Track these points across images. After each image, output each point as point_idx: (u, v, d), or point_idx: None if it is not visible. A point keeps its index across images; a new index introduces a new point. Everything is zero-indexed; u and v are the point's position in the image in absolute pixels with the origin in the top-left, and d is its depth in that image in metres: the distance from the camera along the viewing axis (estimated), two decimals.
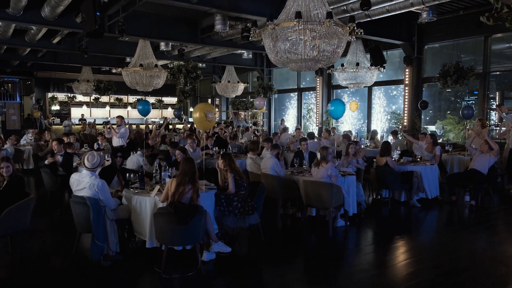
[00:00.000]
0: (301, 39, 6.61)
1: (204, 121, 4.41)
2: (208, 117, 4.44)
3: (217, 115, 4.69)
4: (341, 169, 7.01)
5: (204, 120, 4.40)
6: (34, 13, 9.69)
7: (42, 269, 4.68)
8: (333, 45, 6.85)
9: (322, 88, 15.78)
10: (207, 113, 4.41)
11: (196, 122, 4.50)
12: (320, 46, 6.72)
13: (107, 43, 13.65)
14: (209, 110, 4.47)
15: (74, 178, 4.75)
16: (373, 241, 6.13)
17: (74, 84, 16.58)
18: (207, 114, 4.40)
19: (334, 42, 6.84)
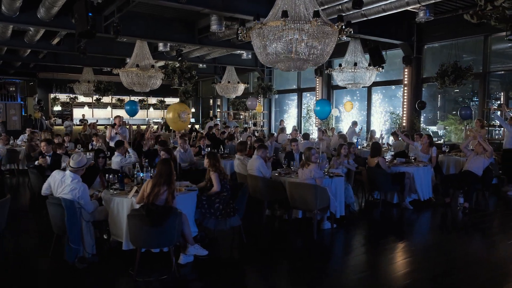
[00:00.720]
0: (290, 39, 6.56)
1: (177, 122, 4.37)
2: (181, 118, 4.39)
3: (191, 115, 4.63)
4: (330, 170, 6.92)
5: (178, 120, 4.35)
6: (30, 14, 9.74)
7: (16, 270, 4.67)
8: (323, 45, 6.79)
9: (322, 89, 15.67)
10: (180, 113, 4.37)
11: (169, 123, 4.46)
12: (308, 45, 6.65)
13: (106, 44, 13.70)
14: (182, 111, 4.42)
15: (56, 177, 4.72)
16: (360, 244, 6.03)
17: (75, 85, 16.69)
18: (180, 115, 4.36)
19: (324, 42, 6.77)
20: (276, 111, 19.05)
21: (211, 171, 5.44)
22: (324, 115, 6.38)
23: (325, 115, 6.40)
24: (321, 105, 6.39)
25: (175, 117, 4.33)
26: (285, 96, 18.53)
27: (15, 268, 4.74)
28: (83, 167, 4.73)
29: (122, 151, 6.95)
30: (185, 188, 5.28)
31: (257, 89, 16.54)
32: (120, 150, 6.97)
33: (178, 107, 4.39)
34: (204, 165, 5.71)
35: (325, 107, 6.29)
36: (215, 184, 5.33)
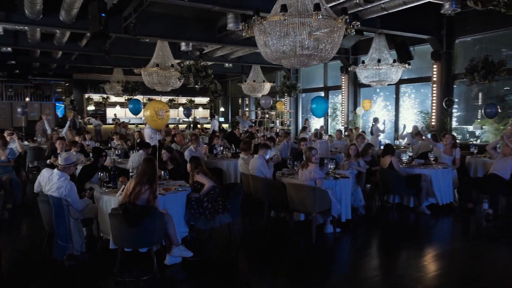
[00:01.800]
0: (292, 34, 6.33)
1: (155, 119, 4.28)
2: (159, 115, 4.30)
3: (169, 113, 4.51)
4: (337, 171, 6.61)
5: (156, 118, 4.27)
6: (52, 17, 10.06)
7: (6, 265, 4.78)
8: (328, 39, 6.49)
9: (348, 87, 15.19)
10: (158, 111, 4.28)
11: (147, 121, 4.38)
12: (312, 40, 6.38)
13: (132, 45, 13.96)
14: (160, 108, 4.33)
15: (45, 175, 4.78)
16: (364, 249, 5.69)
17: (106, 85, 17.20)
18: (158, 112, 4.27)
19: (331, 36, 6.47)
20: (303, 109, 18.72)
21: (195, 174, 5.34)
22: (321, 112, 6.08)
23: (322, 113, 6.10)
24: (317, 103, 6.10)
25: (153, 115, 4.25)
26: (313, 95, 18.14)
27: (7, 263, 4.83)
28: (71, 165, 4.75)
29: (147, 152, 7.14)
30: (176, 187, 5.19)
31: (281, 87, 16.30)
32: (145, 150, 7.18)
33: (156, 104, 4.31)
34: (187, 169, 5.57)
35: (322, 104, 5.99)
36: (206, 182, 5.22)
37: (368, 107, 12.70)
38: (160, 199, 4.80)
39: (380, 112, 14.61)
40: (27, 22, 9.90)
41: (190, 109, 15.90)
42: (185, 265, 4.70)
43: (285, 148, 9.48)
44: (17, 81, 16.89)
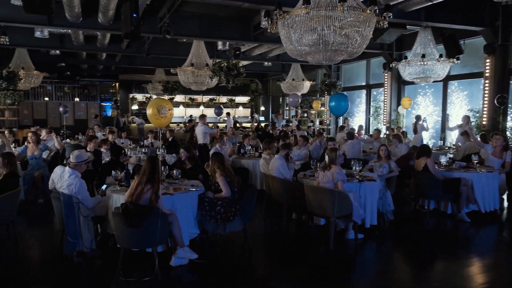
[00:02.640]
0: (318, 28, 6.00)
1: (157, 118, 4.15)
2: (161, 113, 4.16)
3: (172, 111, 4.35)
4: (364, 174, 6.19)
5: (158, 116, 4.13)
6: (91, 19, 10.38)
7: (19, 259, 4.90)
8: (358, 33, 6.09)
9: (391, 84, 14.42)
10: (160, 109, 4.14)
11: (150, 119, 4.27)
12: (339, 34, 6.00)
13: (171, 45, 14.17)
14: (162, 106, 4.19)
15: (57, 172, 4.84)
16: (390, 259, 5.25)
17: (148, 85, 17.65)
18: (160, 110, 4.13)
19: (361, 29, 6.07)
20: None
21: (217, 174, 5.13)
22: (340, 111, 5.67)
23: (341, 111, 5.68)
24: (336, 100, 5.68)
25: (155, 113, 4.12)
26: (355, 93, 17.48)
27: (20, 257, 4.95)
28: (82, 163, 4.77)
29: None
30: (187, 187, 5.06)
31: (321, 86, 15.84)
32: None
33: (158, 102, 4.18)
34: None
35: (341, 102, 5.56)
36: (224, 189, 5.00)
37: (407, 106, 11.94)
38: (168, 198, 4.71)
39: (426, 110, 13.74)
40: (68, 25, 10.29)
41: (221, 108, 15.87)
42: (192, 267, 4.56)
43: (317, 148, 9.09)
44: (66, 82, 17.81)
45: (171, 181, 5.36)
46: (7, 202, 4.80)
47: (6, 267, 4.68)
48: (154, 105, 4.07)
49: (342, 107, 5.51)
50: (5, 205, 4.78)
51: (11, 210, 4.91)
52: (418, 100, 14.18)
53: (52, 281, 4.37)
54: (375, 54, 14.86)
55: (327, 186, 5.33)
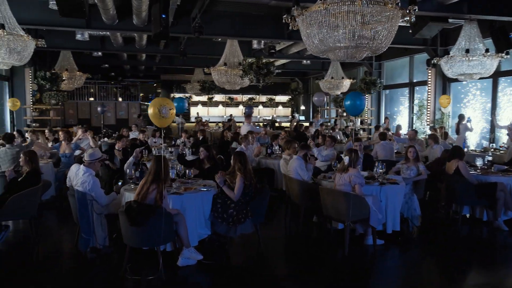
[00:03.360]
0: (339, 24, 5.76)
1: (159, 117, 4.13)
2: (162, 113, 4.13)
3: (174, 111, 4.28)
4: (387, 176, 5.86)
5: (159, 116, 4.11)
6: (127, 21, 10.68)
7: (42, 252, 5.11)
8: (382, 28, 5.78)
9: (435, 82, 13.64)
10: (161, 108, 4.11)
11: (151, 119, 4.26)
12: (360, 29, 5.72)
13: (207, 45, 14.31)
14: (163, 105, 4.16)
15: (73, 170, 5.00)
16: (412, 267, 4.92)
17: (187, 85, 17.99)
18: (161, 110, 4.11)
19: (383, 24, 5.76)
20: (387, 107, 17.41)
21: (237, 172, 5.04)
22: (355, 110, 5.36)
23: (357, 110, 5.36)
24: (351, 99, 5.37)
25: (156, 113, 4.11)
26: (398, 91, 16.76)
27: (42, 251, 5.16)
28: (95, 161, 4.88)
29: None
30: (198, 187, 5.04)
31: (360, 84, 15.33)
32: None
33: (160, 101, 4.16)
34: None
35: (356, 101, 5.26)
36: (236, 191, 4.91)
37: (446, 104, 11.23)
38: (177, 198, 4.71)
39: (475, 110, 12.87)
40: (104, 27, 10.64)
41: (251, 107, 15.81)
42: (200, 268, 4.53)
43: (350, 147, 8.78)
44: (108, 82, 18.60)
45: (185, 181, 5.36)
46: (29, 198, 5.02)
47: (27, 260, 4.90)
48: (155, 104, 4.07)
49: (357, 106, 5.23)
50: (26, 201, 5.01)
51: (33, 205, 5.14)
52: (465, 98, 13.34)
53: (62, 275, 4.51)
54: (419, 50, 14.15)
55: (343, 189, 5.10)
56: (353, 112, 5.44)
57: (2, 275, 4.47)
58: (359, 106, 5.26)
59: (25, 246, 5.34)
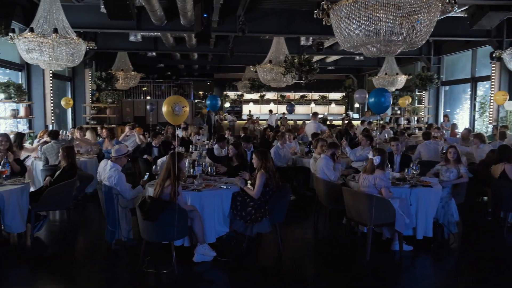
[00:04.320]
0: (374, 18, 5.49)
1: (172, 115, 4.17)
2: (175, 111, 4.17)
3: (187, 108, 4.28)
4: (421, 178, 5.49)
5: (172, 113, 4.15)
6: (175, 22, 11.02)
7: (76, 241, 5.45)
8: (419, 19, 5.42)
9: (499, 77, 12.51)
10: (174, 106, 4.15)
11: (165, 116, 4.31)
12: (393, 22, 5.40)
13: (257, 43, 14.39)
14: (176, 103, 4.19)
15: (102, 165, 5.27)
16: (442, 275, 4.57)
17: (238, 83, 18.21)
18: (174, 108, 4.15)
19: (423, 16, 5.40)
20: (447, 104, 16.33)
21: (259, 170, 5.02)
22: (380, 108, 4.99)
23: (381, 108, 4.99)
24: (375, 96, 5.02)
25: (169, 110, 4.16)
26: (459, 87, 15.64)
27: (76, 240, 5.51)
28: (121, 156, 5.09)
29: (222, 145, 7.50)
30: (218, 185, 5.07)
31: (414, 80, 14.52)
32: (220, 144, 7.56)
33: (174, 99, 4.21)
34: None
35: (380, 98, 4.89)
36: (256, 188, 4.89)
37: (501, 101, 10.22)
38: (195, 195, 4.78)
39: None
40: (154, 28, 11.08)
41: (293, 105, 15.51)
42: (215, 265, 4.56)
43: (403, 146, 8.35)
44: (163, 82, 19.38)
45: (208, 178, 5.42)
46: (64, 190, 5.38)
47: (61, 247, 5.28)
48: (168, 103, 4.15)
49: (381, 104, 4.90)
50: (62, 193, 5.37)
51: (68, 197, 5.50)
52: None
53: (86, 264, 4.78)
54: (482, 43, 13.07)
55: (367, 191, 4.84)
56: (377, 110, 5.14)
57: (39, 259, 4.85)
58: (383, 104, 4.95)
59: (61, 235, 5.74)
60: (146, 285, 4.20)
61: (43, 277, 4.46)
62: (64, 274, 4.48)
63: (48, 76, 10.39)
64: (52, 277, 4.45)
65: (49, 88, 10.38)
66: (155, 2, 9.39)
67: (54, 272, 4.54)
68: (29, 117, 9.58)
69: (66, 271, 4.53)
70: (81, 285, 4.27)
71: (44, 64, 7.80)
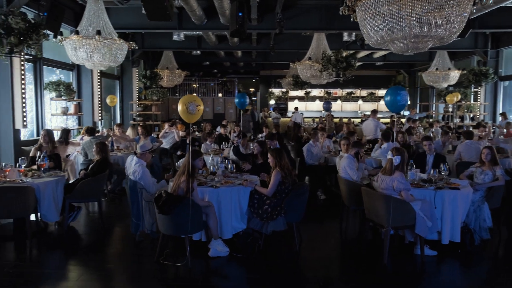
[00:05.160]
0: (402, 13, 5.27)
1: (186, 113, 4.25)
2: (189, 110, 4.23)
3: (201, 107, 4.30)
4: (450, 180, 5.20)
5: (186, 112, 4.22)
6: (215, 21, 11.24)
7: (106, 231, 5.80)
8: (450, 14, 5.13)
9: None
10: (188, 105, 4.22)
11: (180, 114, 4.39)
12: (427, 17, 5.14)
13: (298, 39, 14.28)
14: (190, 102, 4.26)
15: (128, 161, 5.54)
16: (465, 284, 4.33)
17: (282, 80, 18.19)
18: (188, 107, 4.22)
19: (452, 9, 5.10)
20: (504, 102, 15.20)
21: (274, 168, 5.05)
22: (396, 107, 4.70)
23: (397, 107, 4.70)
24: (391, 94, 4.73)
25: (183, 109, 4.25)
26: None
27: (106, 229, 5.84)
28: (146, 152, 5.31)
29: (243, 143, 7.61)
30: (236, 182, 5.14)
31: (467, 75, 13.66)
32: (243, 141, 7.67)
33: (188, 98, 4.29)
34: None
35: (396, 96, 4.60)
36: (270, 186, 4.92)
37: None
38: (213, 191, 4.89)
39: None
40: (195, 27, 11.37)
41: (329, 102, 15.09)
42: (229, 260, 4.65)
43: (439, 147, 7.98)
44: (208, 79, 19.82)
45: (228, 174, 5.51)
46: (96, 183, 5.73)
47: (91, 237, 5.64)
48: (183, 102, 4.26)
49: (397, 102, 4.65)
50: (94, 186, 5.72)
51: (99, 190, 5.85)
52: None
53: (110, 253, 5.10)
54: None
55: (384, 192, 4.67)
56: (393, 109, 4.91)
57: (72, 247, 5.23)
58: (399, 102, 4.72)
59: (94, 225, 6.12)
60: (161, 277, 4.36)
61: (74, 263, 4.79)
62: (91, 261, 4.77)
63: (96, 76, 11.04)
64: (81, 264, 4.75)
65: (97, 86, 11.03)
66: (193, 2, 9.64)
67: (83, 259, 4.86)
68: (78, 114, 10.24)
69: (93, 259, 4.83)
70: (101, 274, 4.51)
71: (89, 64, 8.28)
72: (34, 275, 4.33)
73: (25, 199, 4.93)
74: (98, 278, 4.37)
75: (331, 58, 9.83)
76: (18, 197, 4.88)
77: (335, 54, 9.91)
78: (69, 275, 4.46)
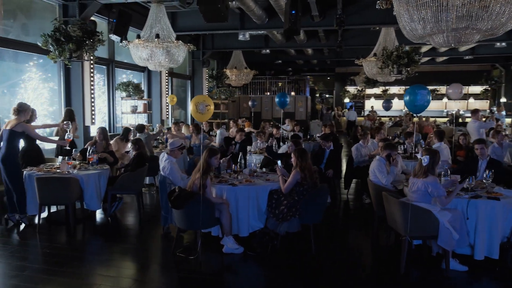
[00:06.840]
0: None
1: (196, 113, 4.29)
2: (199, 109, 4.27)
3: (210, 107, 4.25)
4: (492, 189, 4.61)
5: (196, 111, 4.27)
6: (276, 20, 11.29)
7: (142, 222, 6.22)
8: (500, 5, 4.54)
9: None
10: (198, 105, 4.26)
11: (192, 114, 4.44)
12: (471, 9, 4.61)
13: (368, 35, 13.70)
14: (200, 102, 4.29)
15: (160, 157, 5.85)
16: None
17: (356, 77, 17.53)
18: (198, 107, 4.26)
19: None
20: None
21: (295, 168, 4.98)
22: (416, 108, 4.12)
23: (417, 108, 4.11)
24: (411, 94, 4.16)
25: (194, 109, 4.31)
26: None
27: (142, 220, 6.26)
28: (175, 149, 5.57)
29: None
30: (255, 181, 5.16)
31: None
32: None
33: (198, 99, 4.33)
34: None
35: (416, 96, 4.03)
36: (286, 184, 4.87)
37: None
38: (231, 189, 4.98)
39: None
40: (256, 27, 11.54)
41: (389, 101, 13.90)
42: (242, 258, 4.69)
43: (495, 150, 7.10)
44: (279, 78, 19.85)
45: (251, 174, 5.54)
46: (135, 177, 6.17)
47: (129, 226, 6.10)
48: (194, 102, 4.37)
49: (416, 102, 4.14)
50: (133, 179, 6.17)
51: (138, 183, 6.29)
52: None
53: (138, 243, 5.44)
54: None
55: (414, 197, 4.30)
56: (414, 110, 4.42)
57: (114, 234, 5.74)
58: (419, 102, 4.24)
59: (132, 216, 6.59)
60: (174, 269, 4.57)
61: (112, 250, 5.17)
62: (124, 248, 5.18)
63: (164, 76, 11.81)
64: (116, 250, 5.16)
65: (165, 86, 11.79)
66: (249, 2, 9.80)
67: (119, 245, 5.27)
68: (147, 112, 11.06)
69: (125, 247, 5.22)
70: (125, 261, 4.87)
71: (151, 65, 8.90)
72: (66, 257, 4.81)
73: (68, 189, 5.51)
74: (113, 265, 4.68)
75: (392, 54, 9.22)
76: (62, 186, 5.48)
77: (396, 49, 9.28)
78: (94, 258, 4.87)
